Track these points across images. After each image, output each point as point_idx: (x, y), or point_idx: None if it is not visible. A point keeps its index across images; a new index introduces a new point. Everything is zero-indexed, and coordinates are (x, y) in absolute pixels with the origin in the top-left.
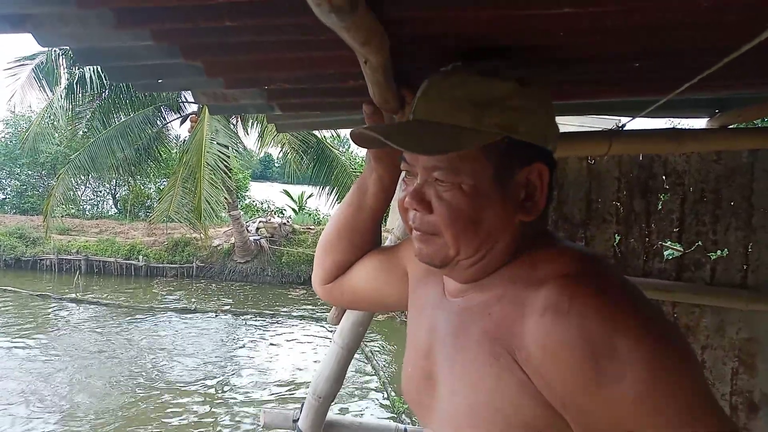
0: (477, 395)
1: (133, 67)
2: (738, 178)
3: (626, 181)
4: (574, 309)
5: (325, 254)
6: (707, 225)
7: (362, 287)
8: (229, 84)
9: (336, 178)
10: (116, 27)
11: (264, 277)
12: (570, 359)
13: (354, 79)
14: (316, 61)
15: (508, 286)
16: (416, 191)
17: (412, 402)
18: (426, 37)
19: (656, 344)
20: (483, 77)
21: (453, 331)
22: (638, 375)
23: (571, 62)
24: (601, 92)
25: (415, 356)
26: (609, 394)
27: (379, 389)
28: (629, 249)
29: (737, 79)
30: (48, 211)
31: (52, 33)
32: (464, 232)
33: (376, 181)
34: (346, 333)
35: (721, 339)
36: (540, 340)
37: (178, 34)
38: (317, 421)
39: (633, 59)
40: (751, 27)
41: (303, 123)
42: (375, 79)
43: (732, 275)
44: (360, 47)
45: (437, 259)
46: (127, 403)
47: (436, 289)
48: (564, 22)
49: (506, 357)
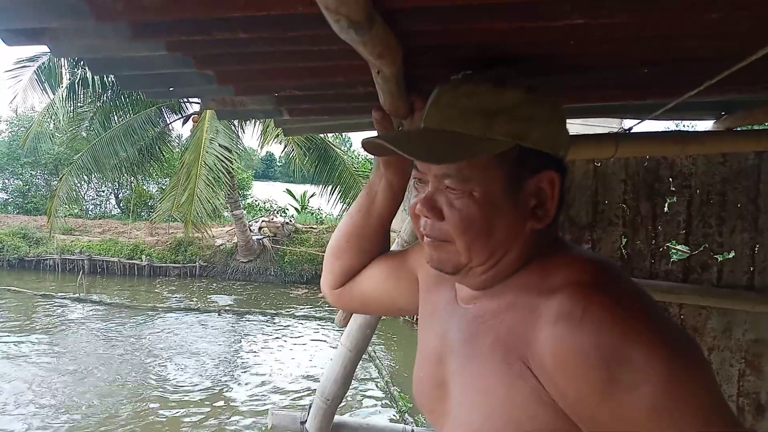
0: (489, 403)
1: (145, 76)
2: (744, 180)
3: (632, 184)
4: (588, 317)
5: (335, 259)
6: (713, 227)
7: (372, 292)
8: (239, 91)
9: (339, 178)
10: (132, 39)
11: (267, 276)
12: (584, 367)
13: (364, 86)
14: (327, 70)
15: (520, 293)
16: (427, 198)
17: (424, 407)
18: (438, 48)
19: (671, 353)
20: (493, 86)
21: (465, 338)
22: (653, 384)
23: (580, 69)
24: (609, 96)
25: (426, 362)
26: (623, 404)
27: (383, 389)
28: (636, 251)
29: (744, 85)
30: (51, 211)
31: (69, 45)
32: (476, 240)
33: (385, 187)
34: (354, 335)
35: (728, 341)
36: (553, 348)
37: (192, 45)
38: (325, 423)
39: (642, 66)
40: (760, 36)
41: (311, 127)
42: (387, 88)
43: (738, 277)
44: (375, 59)
45: (449, 266)
46: (130, 403)
47: (448, 295)
48: (575, 33)
49: (519, 364)
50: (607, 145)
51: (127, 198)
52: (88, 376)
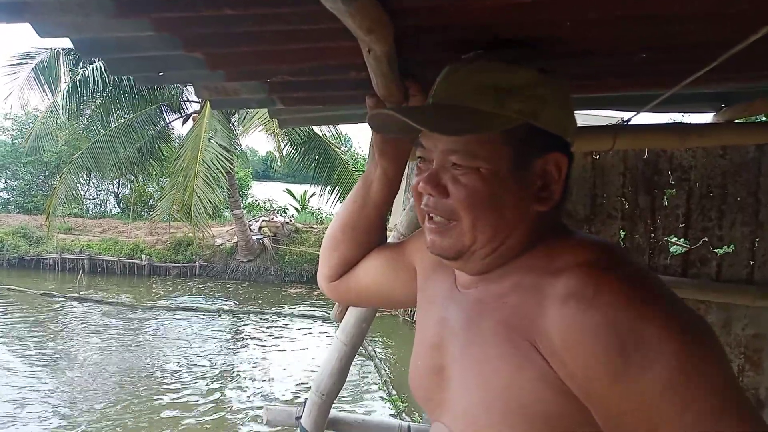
0: (493, 386)
1: (133, 59)
2: (744, 173)
3: (631, 177)
4: (600, 296)
5: (331, 251)
6: (713, 220)
7: (369, 284)
8: (230, 77)
9: (338, 177)
10: (116, 16)
11: (267, 276)
12: (595, 347)
13: (357, 71)
14: (318, 52)
15: (524, 275)
16: (432, 175)
17: (422, 398)
18: (430, 28)
19: (684, 331)
20: (507, 65)
21: (466, 323)
22: (666, 364)
23: (577, 54)
24: (607, 86)
25: (424, 350)
26: (635, 384)
27: (381, 387)
28: (634, 245)
29: (744, 72)
30: (51, 210)
31: (51, 23)
32: (481, 217)
33: (381, 176)
34: (350, 330)
35: (727, 335)
36: (563, 328)
37: (178, 24)
38: (320, 418)
39: (639, 51)
40: (760, 18)
41: (305, 118)
42: (379, 69)
43: (738, 271)
44: (365, 35)
45: (452, 251)
46: (129, 402)
47: (447, 281)
48: (570, 12)
49: (526, 346)
50: (605, 137)
51: (127, 197)
52: (86, 376)
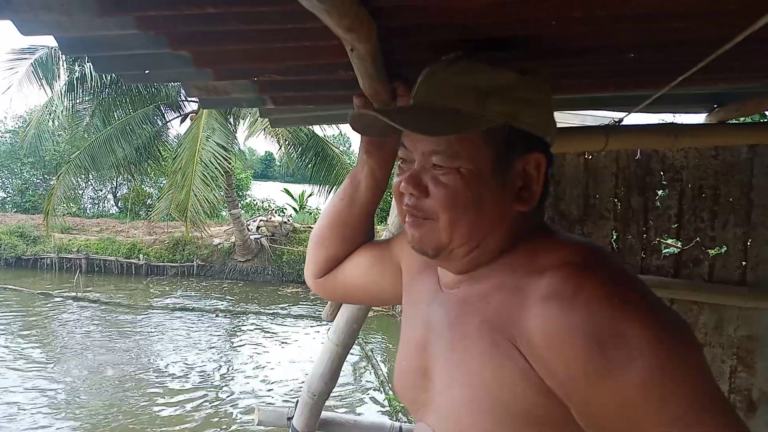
0: (476, 385)
1: (119, 58)
2: (737, 173)
3: (624, 177)
4: (580, 295)
5: (318, 248)
6: (705, 221)
7: (355, 281)
8: (218, 75)
9: (336, 177)
10: (99, 14)
11: (264, 275)
12: (575, 346)
13: (344, 70)
14: (304, 51)
15: (507, 274)
16: (413, 176)
17: (406, 398)
18: (416, 28)
19: (664, 331)
20: (490, 66)
21: (450, 323)
22: (646, 363)
23: (564, 54)
24: (597, 86)
25: (409, 351)
26: (615, 382)
27: (377, 388)
28: (627, 245)
29: (734, 72)
30: (49, 209)
31: (34, 21)
32: (460, 217)
33: (368, 175)
34: (341, 331)
35: (720, 336)
36: (544, 327)
37: (162, 22)
38: (312, 419)
39: (627, 51)
40: (748, 16)
41: (296, 118)
42: (364, 69)
43: (730, 272)
44: (345, 33)
45: (430, 246)
46: (126, 401)
47: (431, 281)
48: (555, 11)
49: (507, 345)
50: (597, 137)
51: (125, 197)
52: (84, 375)
